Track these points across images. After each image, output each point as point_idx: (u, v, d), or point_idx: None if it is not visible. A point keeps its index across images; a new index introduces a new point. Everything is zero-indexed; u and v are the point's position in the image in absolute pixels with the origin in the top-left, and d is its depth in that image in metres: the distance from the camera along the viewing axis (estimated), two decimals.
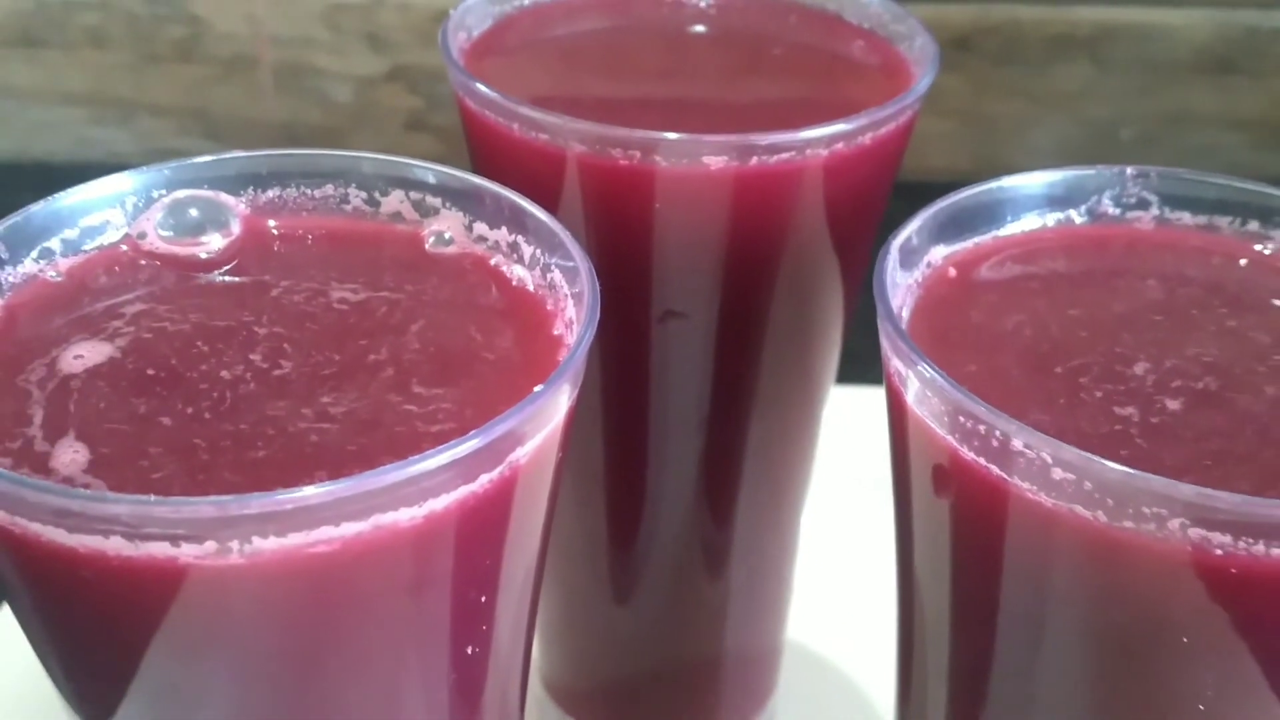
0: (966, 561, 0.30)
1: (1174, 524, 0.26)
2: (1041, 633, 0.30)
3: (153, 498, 0.26)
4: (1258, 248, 0.35)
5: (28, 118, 0.91)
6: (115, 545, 0.26)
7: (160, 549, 0.26)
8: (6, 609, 0.55)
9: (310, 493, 0.25)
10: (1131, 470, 0.26)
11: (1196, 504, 0.26)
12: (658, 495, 0.46)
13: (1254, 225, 0.35)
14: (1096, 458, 0.26)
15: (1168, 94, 0.90)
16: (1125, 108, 0.90)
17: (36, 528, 0.26)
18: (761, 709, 0.53)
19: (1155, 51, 0.89)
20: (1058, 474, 0.27)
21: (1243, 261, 0.35)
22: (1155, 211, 0.36)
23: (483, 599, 0.30)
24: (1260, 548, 0.26)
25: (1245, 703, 0.29)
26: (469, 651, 0.31)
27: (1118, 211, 0.36)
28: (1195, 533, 0.26)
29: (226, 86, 0.89)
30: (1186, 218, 0.36)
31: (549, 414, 0.29)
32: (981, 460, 0.28)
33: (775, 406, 0.44)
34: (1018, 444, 0.27)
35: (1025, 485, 0.28)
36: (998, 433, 0.28)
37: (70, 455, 0.28)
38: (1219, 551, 0.26)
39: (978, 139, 0.89)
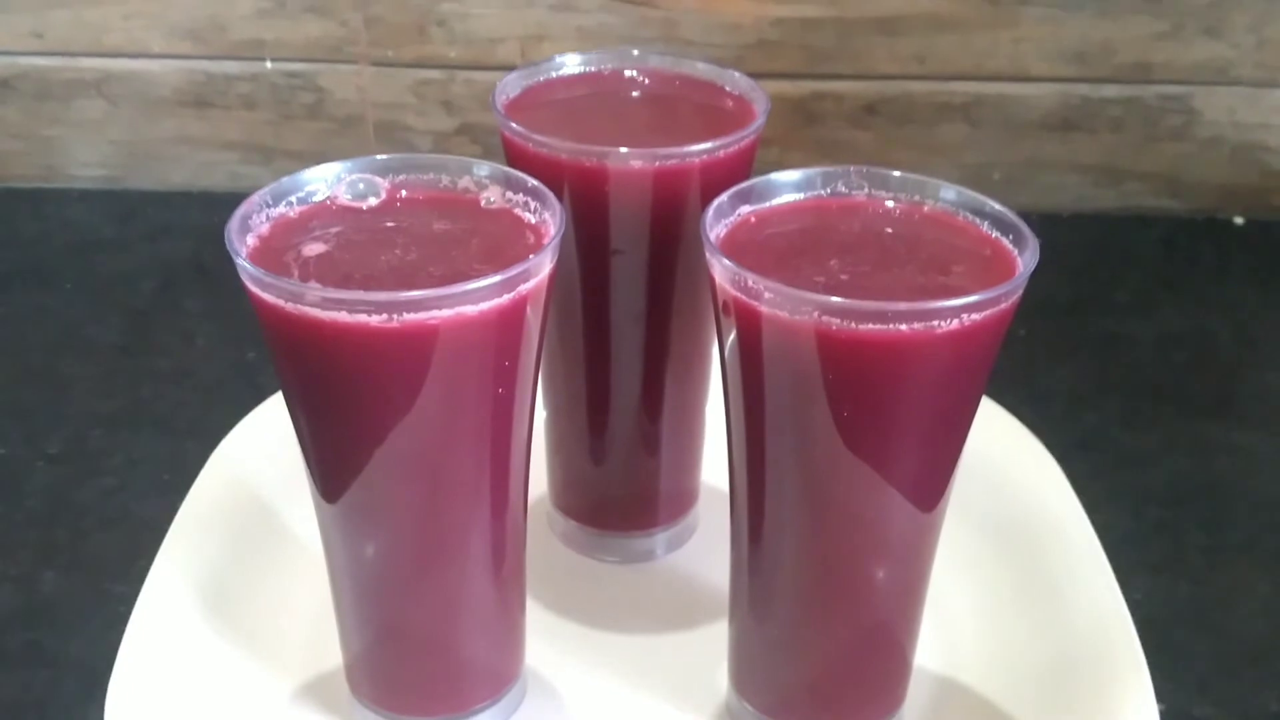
0: (739, 349, 0.57)
1: (816, 314, 0.54)
2: (774, 382, 0.58)
3: (360, 291, 0.55)
4: (920, 208, 0.64)
5: (197, 159, 1.17)
6: (341, 316, 0.52)
7: (360, 318, 0.52)
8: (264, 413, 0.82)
9: (427, 292, 0.54)
10: (797, 288, 0.56)
11: (823, 302, 0.54)
12: (616, 374, 0.71)
13: (916, 198, 0.64)
14: (781, 283, 0.55)
15: (1025, 146, 1.13)
16: (994, 156, 1.13)
17: (304, 309, 0.52)
18: (690, 509, 0.80)
19: (1014, 114, 1.12)
20: (768, 295, 0.56)
21: (908, 216, 0.62)
22: (866, 191, 0.63)
23: (506, 364, 0.58)
24: (853, 325, 0.55)
25: (869, 418, 0.57)
26: (499, 391, 0.59)
27: (846, 190, 0.63)
28: (825, 318, 0.54)
29: (341, 138, 1.15)
30: (883, 194, 0.63)
31: (539, 268, 0.56)
32: (740, 294, 0.56)
33: (683, 312, 0.69)
34: (750, 282, 0.56)
35: (757, 303, 0.55)
36: (744, 279, 0.56)
37: (314, 286, 0.58)
38: (834, 327, 0.54)
39: None
